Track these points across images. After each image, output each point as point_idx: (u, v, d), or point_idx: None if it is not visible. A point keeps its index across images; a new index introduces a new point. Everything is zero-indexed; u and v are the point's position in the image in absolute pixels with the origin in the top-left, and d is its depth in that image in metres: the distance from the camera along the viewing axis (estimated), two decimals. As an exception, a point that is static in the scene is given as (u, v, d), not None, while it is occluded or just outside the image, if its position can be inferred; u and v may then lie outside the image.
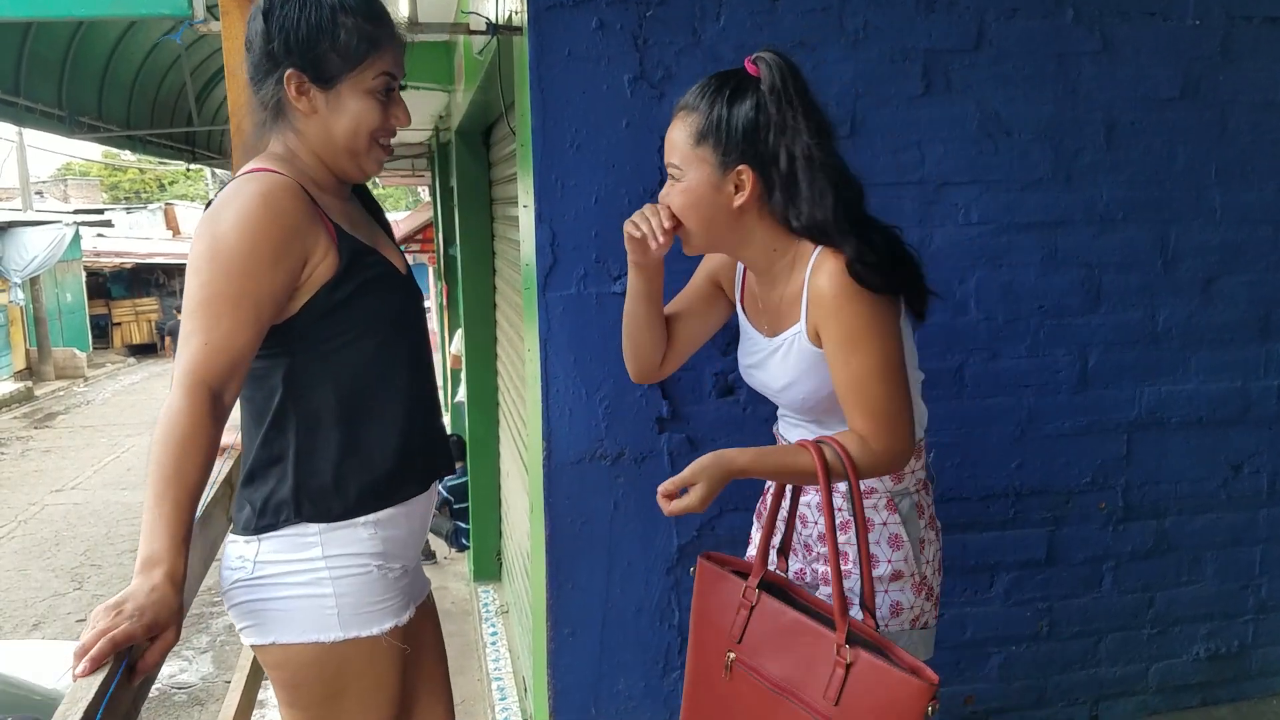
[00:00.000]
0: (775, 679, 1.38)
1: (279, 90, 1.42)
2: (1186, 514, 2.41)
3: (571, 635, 2.14)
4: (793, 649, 1.38)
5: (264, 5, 1.42)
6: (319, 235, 1.39)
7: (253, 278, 1.32)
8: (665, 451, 2.11)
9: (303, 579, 1.42)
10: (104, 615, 1.14)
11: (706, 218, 1.47)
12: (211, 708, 4.83)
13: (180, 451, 1.24)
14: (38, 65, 4.88)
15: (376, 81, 1.43)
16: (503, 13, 2.14)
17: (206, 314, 1.30)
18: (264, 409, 1.43)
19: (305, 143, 1.45)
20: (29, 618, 6.21)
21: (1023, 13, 2.11)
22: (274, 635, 1.43)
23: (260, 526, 1.42)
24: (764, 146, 1.42)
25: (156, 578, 1.18)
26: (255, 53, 1.44)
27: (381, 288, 1.46)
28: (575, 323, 2.02)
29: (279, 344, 1.40)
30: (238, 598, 1.45)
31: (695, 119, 1.44)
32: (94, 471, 10.08)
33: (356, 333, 1.44)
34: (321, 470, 1.42)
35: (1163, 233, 2.27)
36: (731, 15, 1.97)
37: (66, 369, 16.76)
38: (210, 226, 1.35)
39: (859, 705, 1.29)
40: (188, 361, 1.29)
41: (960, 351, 2.22)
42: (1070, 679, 2.44)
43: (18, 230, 15.29)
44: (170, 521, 1.21)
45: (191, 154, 7.48)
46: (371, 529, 1.45)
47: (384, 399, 1.47)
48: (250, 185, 1.37)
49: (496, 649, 4.25)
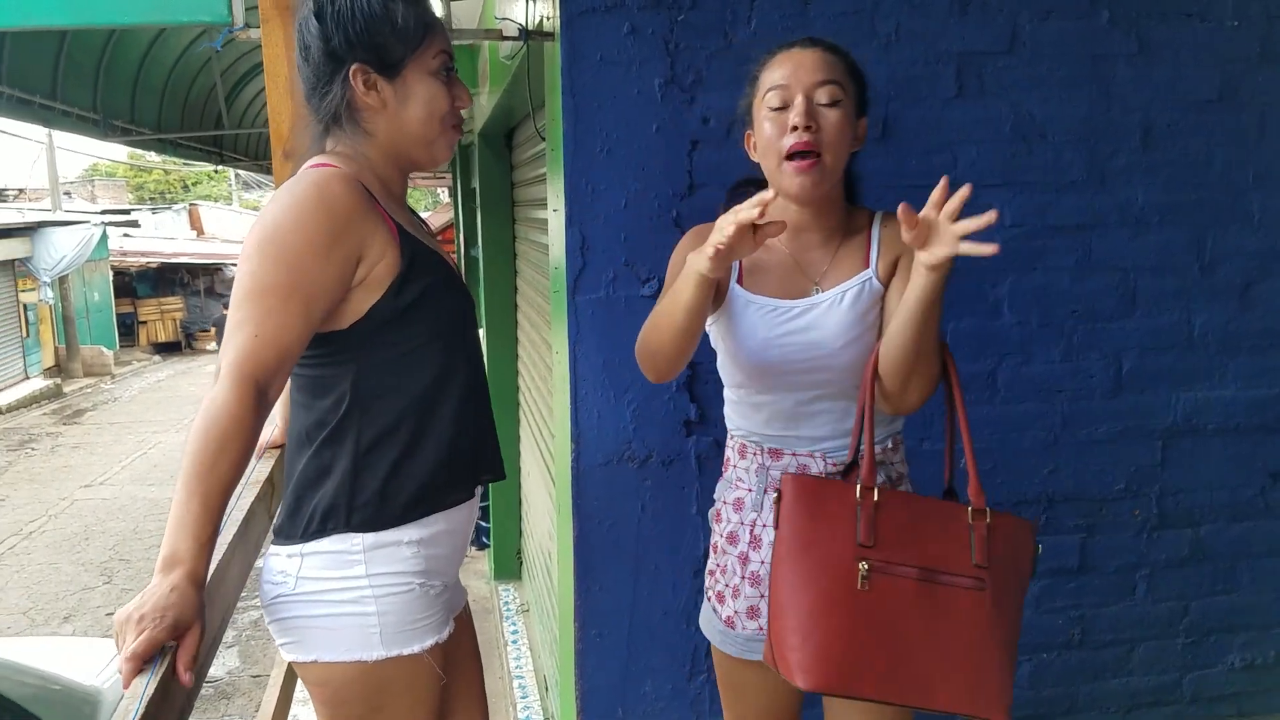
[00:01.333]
0: (921, 566, 1.37)
1: (345, 90, 1.41)
2: (1222, 522, 2.38)
3: (599, 636, 2.14)
4: (928, 531, 1.39)
5: (314, 7, 1.41)
6: (376, 229, 1.36)
7: (304, 268, 1.29)
8: (693, 454, 2.10)
9: (346, 597, 1.39)
10: (128, 628, 1.11)
11: (845, 155, 1.44)
12: (238, 701, 4.88)
13: (219, 446, 1.20)
14: (73, 70, 4.95)
15: (436, 61, 1.43)
16: (534, 18, 2.15)
17: (257, 305, 1.27)
18: (324, 419, 1.40)
19: (375, 143, 1.44)
20: (59, 611, 6.30)
21: (1057, 14, 2.09)
22: (316, 653, 1.41)
23: (307, 534, 1.39)
24: (865, 102, 1.48)
25: (176, 578, 1.14)
26: (315, 57, 1.42)
27: (445, 290, 1.45)
28: (604, 326, 2.02)
29: (345, 352, 1.38)
30: (279, 613, 1.42)
31: (843, 55, 1.45)
32: (121, 467, 10.19)
33: (425, 339, 1.42)
34: (376, 478, 1.39)
35: (1199, 236, 2.24)
36: (763, 18, 1.97)
37: (94, 366, 16.96)
38: (263, 216, 1.33)
39: (1003, 559, 1.39)
40: (235, 352, 1.25)
41: (993, 355, 2.20)
42: (1102, 688, 2.41)
43: (47, 230, 15.49)
44: (198, 520, 1.18)
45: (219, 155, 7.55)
46: (415, 547, 1.42)
47: (447, 406, 1.45)
48: (305, 176, 1.36)
49: (517, 647, 4.27)
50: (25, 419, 13.37)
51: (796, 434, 1.53)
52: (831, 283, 1.50)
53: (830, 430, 1.52)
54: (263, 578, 1.45)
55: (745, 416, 1.59)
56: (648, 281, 2.01)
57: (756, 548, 1.56)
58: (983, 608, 1.36)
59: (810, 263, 1.52)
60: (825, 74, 1.40)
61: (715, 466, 2.07)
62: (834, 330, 1.47)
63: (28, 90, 4.64)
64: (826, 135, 1.39)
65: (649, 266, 2.00)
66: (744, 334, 1.53)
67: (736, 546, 1.59)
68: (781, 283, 1.52)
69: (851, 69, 1.46)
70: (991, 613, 1.36)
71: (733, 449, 1.63)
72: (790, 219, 1.49)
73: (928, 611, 1.36)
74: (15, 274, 15.33)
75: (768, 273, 1.53)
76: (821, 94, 1.40)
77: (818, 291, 1.50)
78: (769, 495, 1.54)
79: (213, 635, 1.31)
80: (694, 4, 1.94)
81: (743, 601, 1.58)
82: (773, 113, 1.43)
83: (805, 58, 1.42)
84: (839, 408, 1.51)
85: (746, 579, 1.57)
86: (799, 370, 1.49)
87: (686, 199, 2.00)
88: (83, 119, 5.21)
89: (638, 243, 1.99)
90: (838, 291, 1.48)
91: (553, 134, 2.08)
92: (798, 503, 1.40)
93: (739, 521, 1.59)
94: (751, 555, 1.56)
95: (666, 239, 1.98)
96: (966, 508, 1.41)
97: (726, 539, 1.61)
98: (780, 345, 1.49)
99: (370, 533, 1.40)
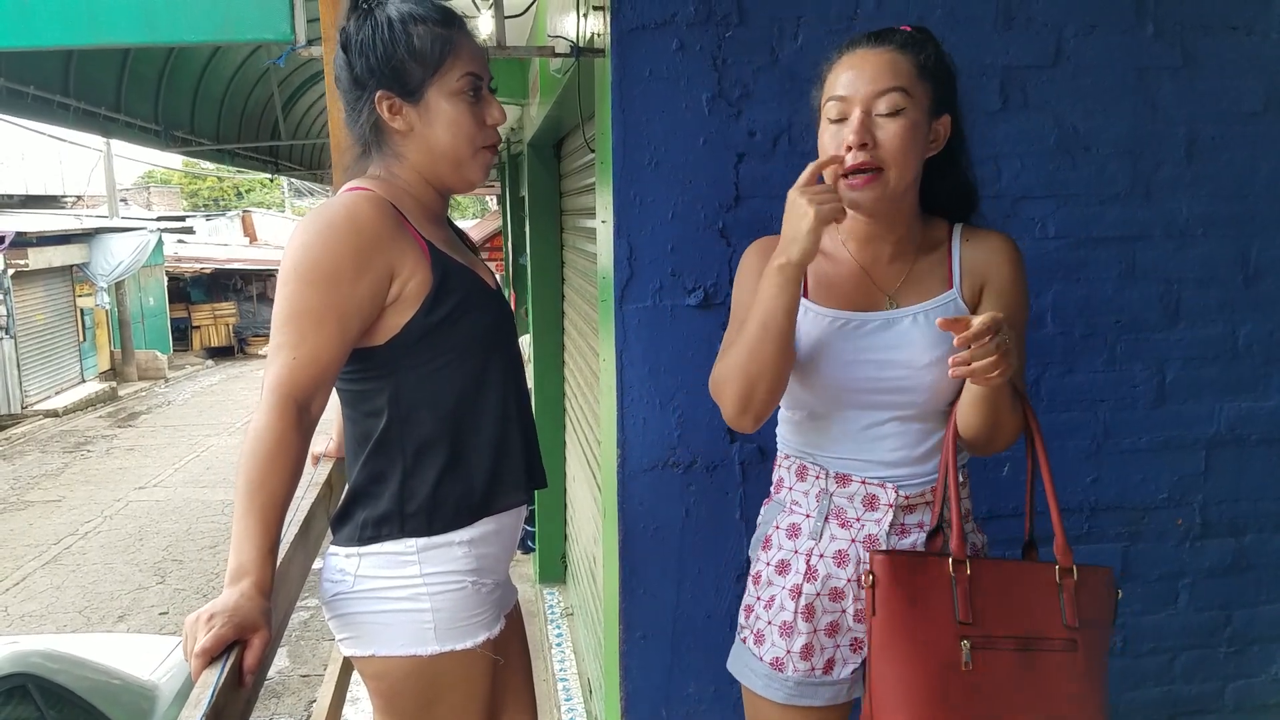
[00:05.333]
0: (1020, 636, 1.34)
1: (373, 116, 1.46)
2: (1267, 532, 2.37)
3: (643, 639, 2.19)
4: (1020, 597, 1.35)
5: (341, 39, 1.47)
6: (406, 249, 1.41)
7: (337, 290, 1.35)
8: (736, 461, 2.14)
9: (402, 594, 1.45)
10: (198, 628, 1.18)
11: (914, 164, 1.35)
12: (288, 701, 4.98)
13: (268, 466, 1.28)
14: (136, 83, 5.10)
15: (461, 82, 1.45)
16: (585, 34, 2.21)
17: (293, 329, 1.34)
18: (369, 431, 1.46)
19: (407, 165, 1.49)
20: (114, 610, 6.46)
21: (1102, 28, 2.11)
22: (373, 648, 1.47)
23: (364, 539, 1.46)
24: (954, 99, 1.42)
25: (244, 586, 1.22)
26: (344, 85, 1.48)
27: (477, 305, 1.49)
28: (650, 334, 2.07)
29: (383, 367, 1.44)
30: (339, 609, 1.49)
31: (915, 51, 1.36)
32: (174, 470, 10.42)
33: (458, 353, 1.46)
34: (424, 488, 1.45)
35: (1244, 248, 2.24)
36: (809, 34, 2.01)
37: (148, 370, 17.33)
38: (296, 241, 1.39)
39: (1089, 616, 1.36)
40: (274, 376, 1.33)
41: (1036, 365, 2.22)
42: (1144, 696, 2.41)
43: (105, 236, 15.84)
44: (256, 534, 1.25)
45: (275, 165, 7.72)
46: (466, 547, 1.48)
47: (484, 417, 1.50)
48: (336, 200, 1.42)
49: (562, 650, 4.32)
50: (81, 422, 13.71)
51: (866, 458, 1.46)
52: (909, 299, 1.44)
53: (902, 456, 1.45)
54: (323, 576, 1.52)
55: (807, 437, 1.52)
56: (693, 291, 2.06)
57: (812, 580, 1.48)
58: (1077, 667, 1.34)
59: (882, 275, 1.45)
60: (886, 82, 1.32)
61: (758, 473, 2.11)
62: (919, 348, 1.40)
63: (93, 103, 4.80)
64: (886, 149, 1.33)
65: (695, 277, 2.05)
66: (813, 348, 1.45)
67: (787, 578, 1.51)
68: (851, 295, 1.45)
69: (924, 67, 1.36)
70: (1084, 672, 1.34)
71: (789, 470, 1.55)
72: (858, 229, 1.46)
73: (1027, 681, 1.33)
74: (73, 279, 15.72)
75: (835, 285, 1.47)
76: (882, 104, 1.33)
77: (892, 306, 1.44)
78: (829, 524, 1.49)
79: (275, 636, 1.37)
80: (741, 21, 1.99)
81: (797, 640, 1.48)
82: (831, 125, 1.38)
83: (868, 63, 1.35)
84: (913, 430, 1.44)
85: (800, 614, 1.48)
86: (875, 389, 1.42)
87: (732, 210, 2.04)
88: (144, 130, 5.37)
89: (684, 253, 2.04)
90: (919, 309, 1.42)
91: (602, 147, 2.14)
92: (894, 585, 1.33)
93: (793, 549, 1.51)
94: (806, 588, 1.48)
95: (713, 250, 2.04)
96: (1053, 566, 1.36)
97: (776, 569, 1.53)
98: (857, 361, 1.42)
99: (423, 537, 1.46)
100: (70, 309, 15.71)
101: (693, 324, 2.06)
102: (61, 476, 10.34)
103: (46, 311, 14.89)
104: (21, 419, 13.35)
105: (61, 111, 4.51)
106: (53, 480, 10.18)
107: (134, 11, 2.04)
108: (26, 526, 8.46)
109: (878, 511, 1.46)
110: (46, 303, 14.91)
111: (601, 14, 2.04)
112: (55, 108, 4.45)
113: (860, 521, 1.47)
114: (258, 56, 5.72)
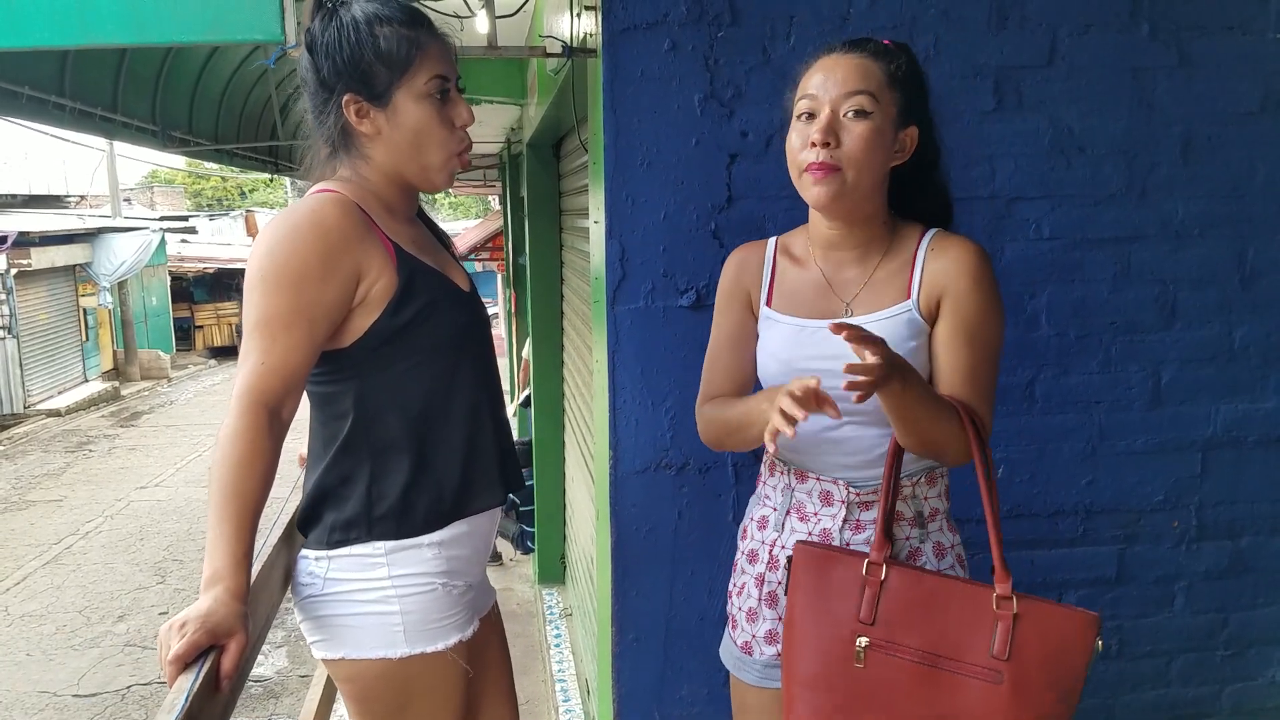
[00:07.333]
0: (924, 650, 1.33)
1: (341, 118, 1.44)
2: (1264, 535, 2.36)
3: (636, 640, 2.18)
4: (939, 615, 1.34)
5: (307, 40, 1.45)
6: (372, 251, 1.40)
7: (303, 294, 1.34)
8: (729, 463, 2.14)
9: (370, 597, 1.45)
10: (172, 635, 1.18)
11: (876, 169, 1.38)
12: (286, 701, 4.99)
13: (241, 471, 1.28)
14: (133, 82, 5.08)
15: (429, 85, 1.44)
16: (578, 35, 2.20)
17: (262, 333, 1.34)
18: (335, 432, 1.46)
19: (374, 166, 1.48)
20: (114, 610, 6.47)
21: (1096, 28, 2.10)
22: (343, 650, 1.47)
23: (332, 542, 1.45)
24: (924, 112, 1.43)
25: (218, 592, 1.22)
26: (310, 87, 1.47)
27: (445, 308, 1.47)
28: (643, 335, 2.06)
29: (349, 369, 1.43)
30: (310, 612, 1.49)
31: (887, 61, 1.38)
32: (176, 469, 10.44)
33: (426, 354, 1.46)
34: (392, 491, 1.44)
35: (1241, 248, 2.23)
36: (801, 35, 2.00)
37: (151, 370, 17.36)
38: (261, 245, 1.38)
39: (1031, 654, 1.30)
40: (244, 382, 1.33)
41: (1031, 367, 2.21)
42: (1141, 699, 2.40)
43: (108, 236, 15.88)
44: (230, 540, 1.25)
45: (275, 165, 7.71)
46: (436, 549, 1.47)
47: (453, 420, 1.49)
48: (302, 203, 1.41)
49: (560, 651, 4.31)
50: (84, 421, 13.74)
51: (822, 459, 1.49)
52: (866, 306, 1.45)
53: (859, 460, 1.47)
54: (295, 579, 1.52)
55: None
56: (685, 292, 2.05)
57: (774, 569, 1.53)
58: (996, 701, 1.30)
59: (842, 282, 1.47)
60: (855, 85, 1.36)
61: (751, 475, 2.10)
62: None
63: (89, 103, 4.77)
64: (848, 150, 1.35)
65: (687, 278, 2.04)
66: (769, 354, 1.50)
67: (755, 566, 1.57)
68: (812, 302, 1.48)
69: (894, 76, 1.39)
70: (1008, 708, 1.30)
71: (765, 464, 1.61)
72: (822, 236, 1.48)
73: (929, 697, 1.33)
74: (76, 279, 15.76)
75: (798, 293, 1.50)
76: (849, 106, 1.36)
77: (849, 314, 1.45)
78: (790, 517, 1.53)
79: (254, 639, 1.37)
80: (734, 21, 1.98)
81: (761, 625, 1.55)
82: (799, 122, 1.41)
83: (839, 66, 1.38)
84: (869, 435, 1.45)
85: (764, 600, 1.55)
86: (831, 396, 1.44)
87: (725, 211, 2.04)
88: (142, 130, 5.35)
89: (676, 254, 2.03)
90: (872, 318, 1.42)
91: (594, 147, 2.13)
92: (805, 572, 1.40)
93: (760, 540, 1.57)
94: (769, 576, 1.54)
95: (705, 251, 2.03)
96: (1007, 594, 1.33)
97: (747, 557, 1.59)
98: (813, 369, 1.40)
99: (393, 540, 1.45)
100: (73, 309, 15.75)
101: (685, 325, 2.05)
102: (63, 476, 10.36)
103: (49, 311, 14.92)
104: (24, 418, 13.38)
105: (58, 112, 4.49)
106: (54, 480, 10.20)
107: (124, 12, 2.02)
108: (28, 526, 8.48)
109: (833, 507, 1.49)
110: (49, 302, 14.94)
111: (593, 14, 2.03)
112: (51, 108, 4.43)
113: (817, 516, 1.50)
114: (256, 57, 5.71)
